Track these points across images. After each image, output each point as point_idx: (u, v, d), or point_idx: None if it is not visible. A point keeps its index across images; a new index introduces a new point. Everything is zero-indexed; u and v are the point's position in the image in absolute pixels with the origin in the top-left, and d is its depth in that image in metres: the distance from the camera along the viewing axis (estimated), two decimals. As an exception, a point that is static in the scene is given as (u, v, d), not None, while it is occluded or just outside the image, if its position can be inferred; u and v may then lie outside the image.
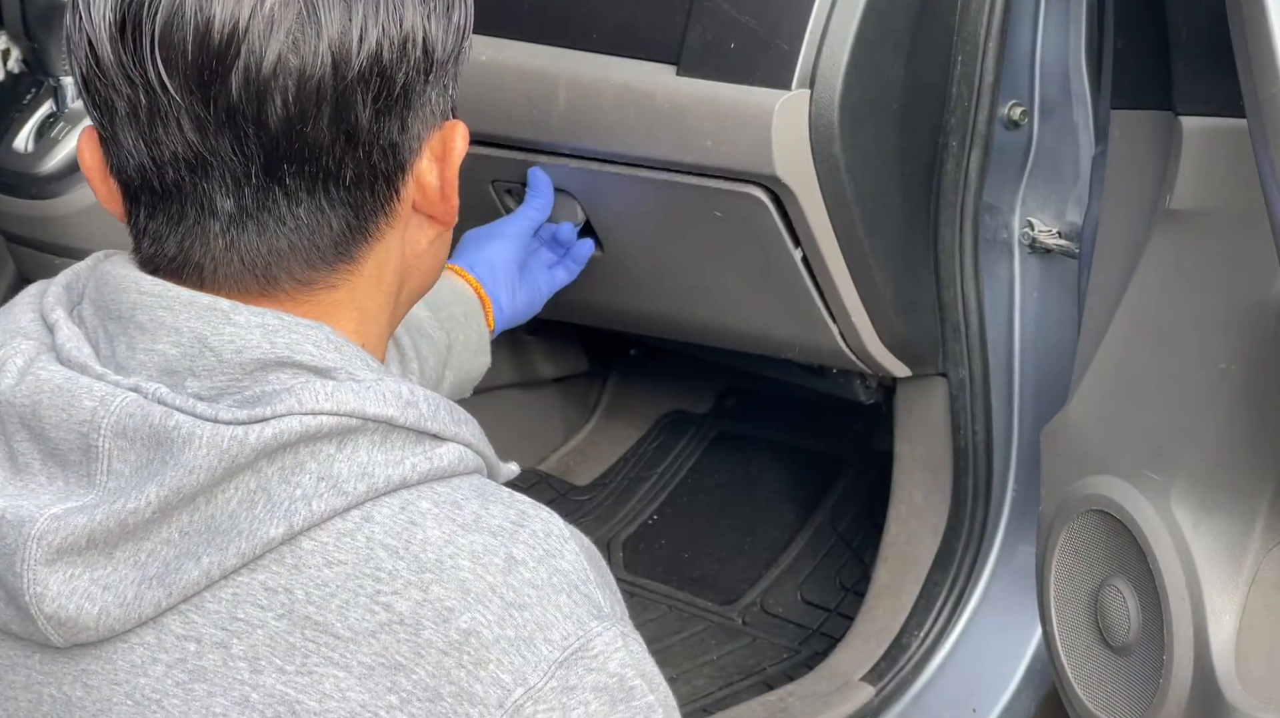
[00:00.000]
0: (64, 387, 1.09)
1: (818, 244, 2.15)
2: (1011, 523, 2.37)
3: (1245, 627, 1.80)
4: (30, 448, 1.10)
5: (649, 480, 2.98)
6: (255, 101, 1.07)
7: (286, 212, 1.11)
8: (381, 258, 1.15)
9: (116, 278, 1.13)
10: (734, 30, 2.09)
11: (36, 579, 1.06)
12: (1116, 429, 1.92)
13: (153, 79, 1.07)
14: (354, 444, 1.07)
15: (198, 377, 1.09)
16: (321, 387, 1.07)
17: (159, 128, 1.09)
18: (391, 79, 1.10)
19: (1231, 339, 1.77)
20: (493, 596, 1.06)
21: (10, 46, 2.58)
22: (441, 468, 1.10)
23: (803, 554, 2.78)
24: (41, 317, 1.15)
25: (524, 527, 1.09)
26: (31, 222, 2.49)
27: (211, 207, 1.10)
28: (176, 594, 1.06)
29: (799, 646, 2.62)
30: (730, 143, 2.10)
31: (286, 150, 1.09)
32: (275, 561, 1.06)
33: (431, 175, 1.16)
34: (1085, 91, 2.23)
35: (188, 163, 1.09)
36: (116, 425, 1.07)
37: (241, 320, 1.09)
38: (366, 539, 1.06)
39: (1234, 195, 1.74)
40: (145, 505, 1.05)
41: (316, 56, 1.07)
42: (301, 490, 1.06)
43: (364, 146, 1.11)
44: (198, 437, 1.05)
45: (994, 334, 2.33)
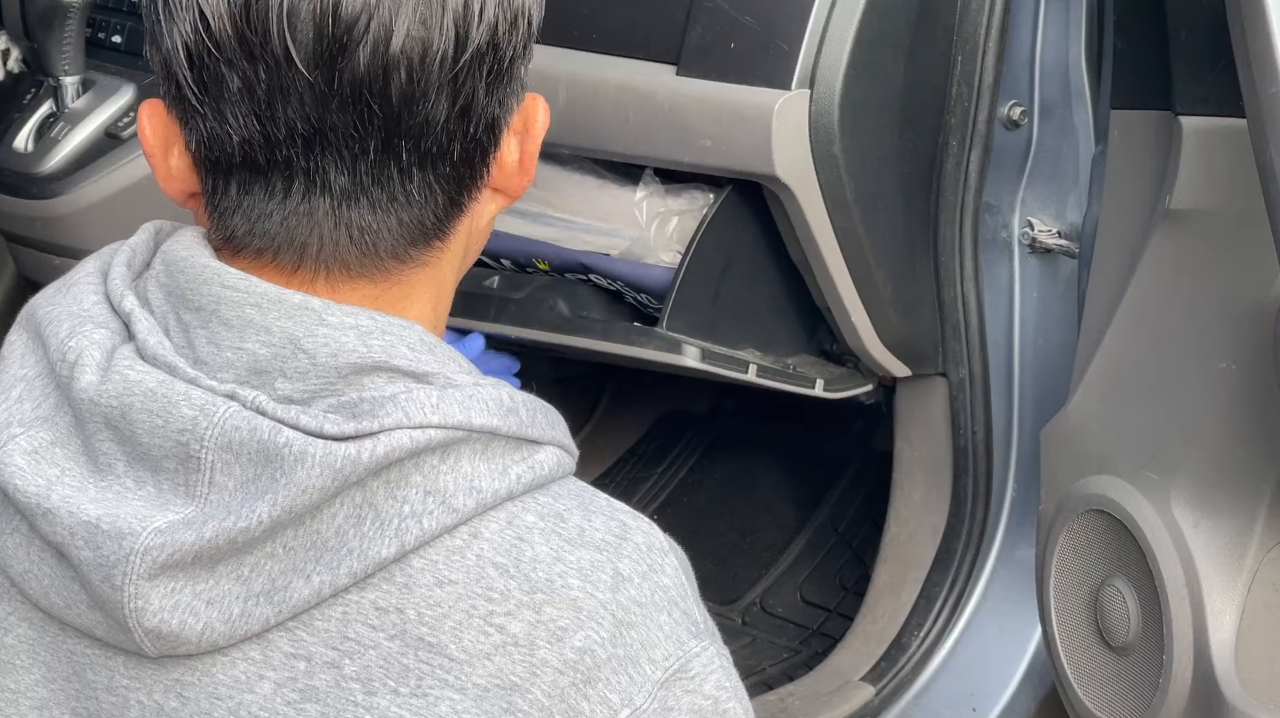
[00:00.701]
0: (157, 391, 1.06)
1: (818, 244, 2.15)
2: (1011, 523, 2.37)
3: (1245, 627, 1.80)
4: (115, 449, 1.07)
5: (649, 480, 2.98)
6: (381, 76, 1.05)
7: (399, 188, 1.09)
8: (461, 233, 1.14)
9: (195, 266, 1.09)
10: (734, 30, 2.09)
11: (138, 593, 1.04)
12: (1116, 429, 1.92)
13: (278, 53, 1.05)
14: (456, 455, 1.05)
15: (289, 378, 1.06)
16: (426, 397, 1.05)
17: (277, 103, 1.06)
18: (503, 54, 1.09)
19: (1231, 339, 1.77)
20: (604, 613, 1.06)
21: (10, 46, 2.58)
22: (543, 475, 1.09)
23: (803, 554, 2.78)
24: (108, 300, 1.12)
25: (627, 539, 1.09)
26: (31, 222, 2.49)
27: (324, 182, 1.08)
28: (285, 612, 1.04)
29: (799, 646, 2.62)
30: (730, 143, 2.10)
31: (406, 125, 1.07)
32: (385, 579, 1.05)
33: (512, 150, 1.14)
34: (1085, 91, 2.23)
35: (304, 138, 1.07)
36: (221, 438, 1.04)
37: (335, 322, 1.06)
38: (476, 558, 1.05)
39: (1234, 195, 1.74)
40: (257, 524, 1.03)
41: (443, 32, 1.06)
42: (410, 507, 1.04)
43: (474, 122, 1.10)
44: (310, 455, 1.02)
45: (994, 334, 2.33)
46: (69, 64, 2.46)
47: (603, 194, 2.31)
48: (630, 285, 2.28)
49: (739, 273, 2.26)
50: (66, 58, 2.45)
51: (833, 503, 2.83)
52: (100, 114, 2.47)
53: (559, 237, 2.32)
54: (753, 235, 2.24)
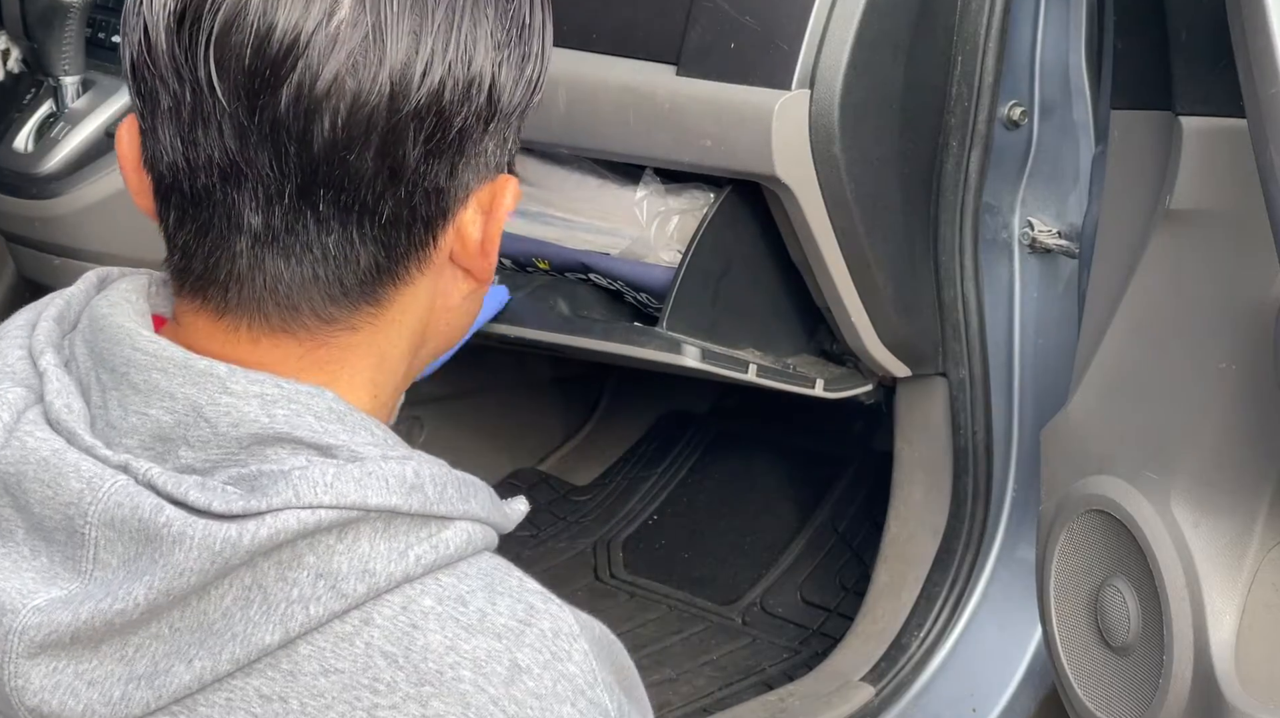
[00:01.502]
0: (50, 460, 1.03)
1: (818, 244, 2.15)
2: (1011, 523, 2.37)
3: (1245, 627, 1.80)
4: (14, 515, 1.05)
5: (649, 480, 2.98)
6: (302, 118, 1.02)
7: (315, 238, 1.05)
8: (408, 304, 1.09)
9: (112, 326, 1.07)
10: (734, 30, 2.09)
11: (18, 672, 1.01)
12: (1116, 429, 1.92)
13: (201, 78, 1.02)
14: (355, 534, 1.01)
15: (192, 447, 1.03)
16: (320, 475, 1.00)
17: (199, 129, 1.04)
18: (448, 121, 1.04)
19: (1231, 339, 1.77)
20: (494, 709, 1.00)
21: (10, 46, 2.58)
22: (447, 555, 1.03)
23: (803, 554, 2.78)
24: (30, 355, 1.10)
25: (531, 625, 1.03)
26: (31, 222, 2.49)
27: (239, 220, 1.05)
28: (166, 697, 1.01)
29: (799, 646, 2.62)
30: (730, 143, 2.10)
31: (325, 175, 1.03)
32: (271, 665, 1.01)
33: (474, 228, 1.09)
34: (1085, 91, 2.23)
35: (221, 170, 1.04)
36: (104, 514, 1.01)
37: (238, 389, 1.03)
38: (365, 645, 1.00)
39: (1234, 195, 1.74)
40: (133, 607, 1.00)
41: (375, 83, 1.02)
42: (299, 591, 1.00)
43: (407, 186, 1.04)
44: (188, 537, 0.99)
45: (994, 334, 2.33)
46: (69, 64, 2.46)
47: (603, 194, 2.31)
48: (630, 285, 2.28)
49: (739, 273, 2.26)
50: (66, 58, 2.45)
51: (833, 503, 2.83)
52: (100, 114, 2.47)
53: (559, 236, 2.33)
54: (753, 235, 2.24)
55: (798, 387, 2.31)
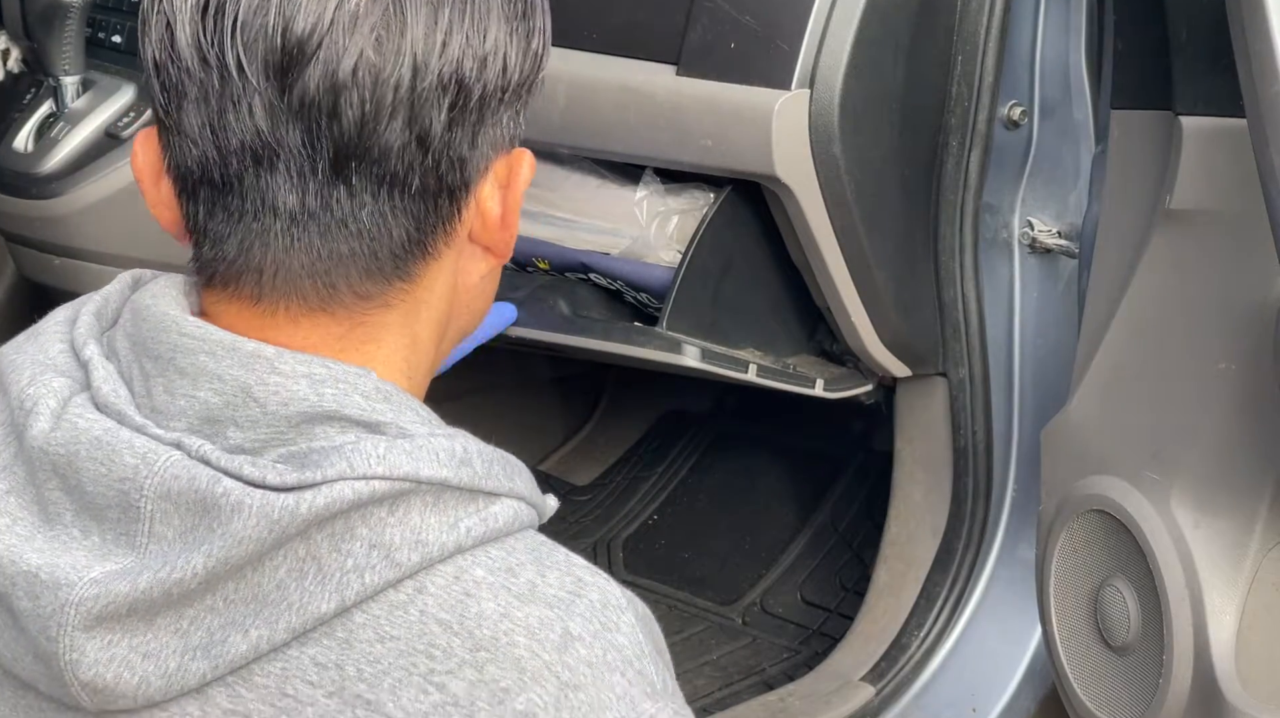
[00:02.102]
0: (103, 439, 1.05)
1: (818, 244, 2.15)
2: (1011, 523, 2.37)
3: (1245, 627, 1.80)
4: (63, 498, 1.06)
5: (649, 480, 2.98)
6: (331, 95, 1.05)
7: (349, 214, 1.08)
8: (435, 280, 1.12)
9: (156, 314, 1.09)
10: (734, 30, 2.09)
11: (73, 646, 1.03)
12: (1116, 429, 1.92)
13: (230, 61, 1.05)
14: (406, 507, 1.03)
15: (241, 428, 1.05)
16: (373, 448, 1.03)
17: (229, 112, 1.06)
18: (469, 90, 1.08)
19: (1231, 339, 1.77)
20: (548, 674, 1.02)
21: (10, 46, 2.58)
22: (496, 529, 1.06)
23: (803, 554, 2.78)
24: (72, 348, 1.11)
25: (581, 597, 1.05)
26: (31, 222, 2.49)
27: (274, 202, 1.07)
28: (223, 667, 1.02)
29: (799, 646, 2.62)
30: (730, 143, 2.10)
31: (356, 148, 1.06)
32: (326, 634, 1.03)
33: (493, 202, 1.13)
34: (1085, 91, 2.23)
35: (253, 152, 1.06)
36: (160, 487, 1.03)
37: (287, 369, 1.05)
38: (420, 613, 1.03)
39: (1234, 195, 1.74)
40: (191, 576, 1.01)
41: (398, 57, 1.06)
42: (354, 561, 1.02)
43: (433, 155, 1.08)
44: (247, 506, 1.01)
45: (994, 334, 2.33)
46: (69, 64, 2.46)
47: (603, 193, 2.31)
48: (630, 285, 2.28)
49: (739, 273, 2.26)
50: (66, 58, 2.45)
51: (833, 503, 2.83)
52: (100, 114, 2.47)
53: (559, 236, 2.33)
54: (753, 235, 2.24)
55: (798, 387, 2.31)
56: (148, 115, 2.42)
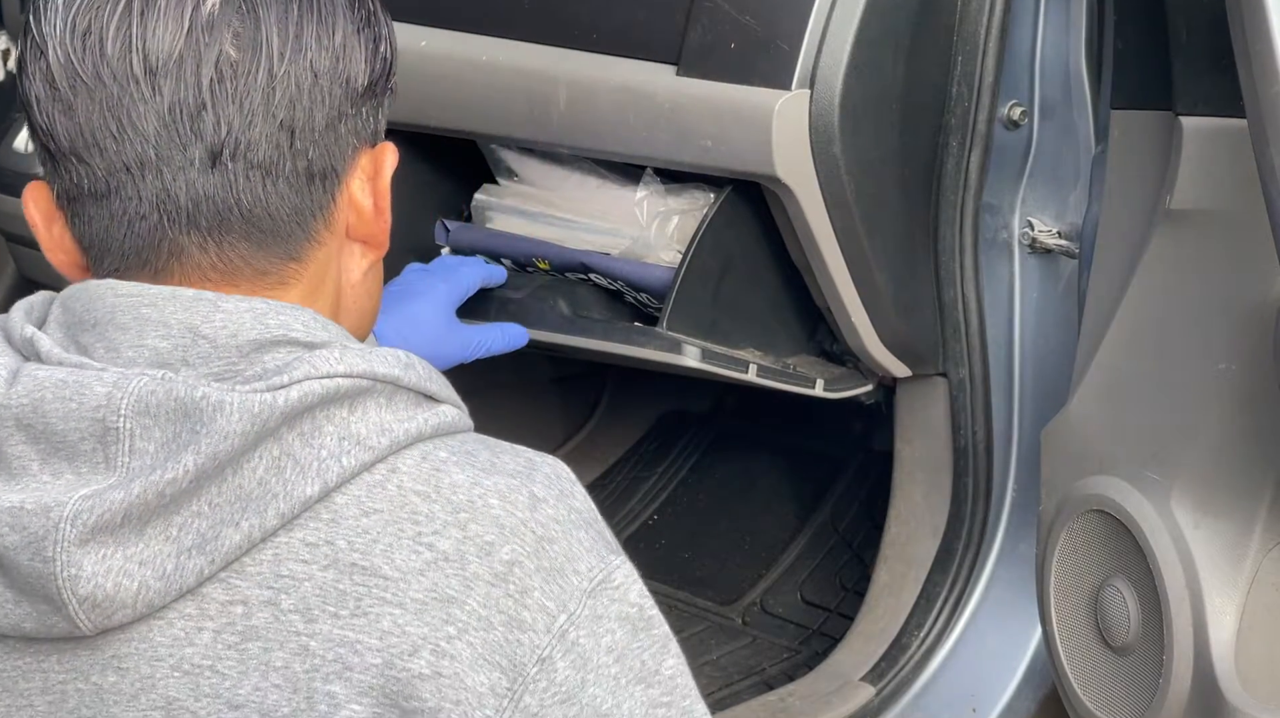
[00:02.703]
0: (68, 380, 1.10)
1: (818, 244, 2.15)
2: (1012, 523, 2.37)
3: (1245, 627, 1.80)
4: (28, 450, 1.11)
5: (649, 480, 2.98)
6: (197, 93, 1.14)
7: (232, 200, 1.16)
8: (325, 268, 1.21)
9: (88, 290, 1.15)
10: (734, 30, 2.09)
11: (70, 562, 1.07)
12: (1116, 429, 1.92)
13: (103, 74, 1.14)
14: (364, 406, 1.12)
15: (191, 365, 1.12)
16: (329, 353, 1.11)
17: (109, 121, 1.15)
18: (323, 82, 1.17)
19: (1231, 339, 1.77)
20: (525, 529, 1.12)
21: (10, 47, 2.58)
22: (446, 423, 1.15)
23: (803, 554, 2.78)
24: (5, 338, 1.17)
25: (536, 469, 1.16)
26: (31, 221, 2.49)
27: (159, 200, 1.15)
28: (219, 561, 1.09)
29: (799, 646, 2.62)
30: (730, 143, 2.10)
31: (228, 140, 1.15)
32: (311, 518, 1.10)
33: (364, 195, 1.22)
34: (1085, 92, 2.23)
35: (135, 154, 1.15)
36: (138, 404, 1.09)
37: (229, 307, 1.13)
38: (398, 488, 1.12)
39: (1234, 195, 1.74)
40: (183, 474, 1.07)
41: (256, 53, 1.15)
42: (327, 451, 1.10)
43: (300, 141, 1.17)
44: (228, 403, 1.08)
45: (994, 334, 2.33)
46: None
47: (603, 194, 2.31)
48: (630, 285, 2.28)
49: (739, 273, 2.26)
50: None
51: (833, 503, 2.83)
52: (100, 114, 2.47)
53: (559, 236, 2.33)
54: (753, 235, 2.24)
55: (798, 387, 2.31)
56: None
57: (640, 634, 1.15)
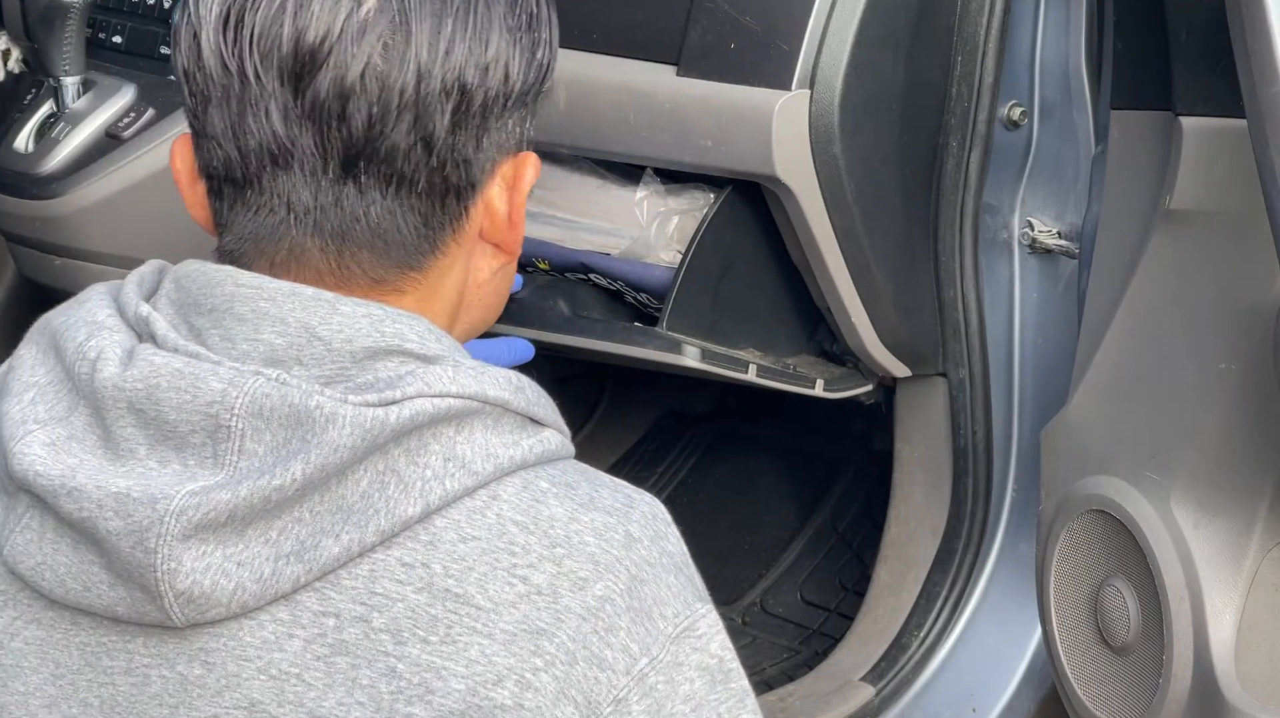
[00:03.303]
0: (184, 370, 1.10)
1: (818, 244, 2.15)
2: (1011, 523, 2.37)
3: (1245, 627, 1.80)
4: (136, 434, 1.11)
5: (649, 481, 2.98)
6: (341, 100, 1.13)
7: (361, 209, 1.15)
8: (445, 274, 1.19)
9: (206, 273, 1.15)
10: (734, 30, 2.09)
11: (170, 555, 1.08)
12: (1116, 429, 1.92)
13: (248, 69, 1.13)
14: (470, 427, 1.11)
15: (305, 365, 1.12)
16: (442, 371, 1.11)
17: (248, 117, 1.14)
18: (471, 96, 1.15)
19: (1231, 339, 1.77)
20: (619, 567, 1.12)
21: (10, 46, 2.58)
22: (549, 451, 1.15)
23: (803, 554, 2.78)
24: (120, 313, 1.17)
25: (634, 508, 1.16)
26: (31, 222, 2.49)
27: (289, 198, 1.15)
28: (316, 570, 1.09)
29: (799, 646, 2.62)
30: (730, 143, 2.10)
31: (366, 149, 1.14)
32: (410, 537, 1.10)
33: (501, 202, 1.20)
34: (1085, 92, 2.23)
35: (270, 153, 1.14)
36: (251, 405, 1.09)
37: (347, 310, 1.12)
38: (497, 516, 1.11)
39: (1234, 195, 1.74)
40: (290, 482, 1.08)
41: (404, 64, 1.13)
42: (432, 471, 1.10)
43: (439, 156, 1.15)
44: (341, 416, 1.08)
45: (994, 334, 2.33)
46: (69, 64, 2.46)
47: (603, 194, 2.31)
48: (630, 285, 2.28)
49: (739, 273, 2.26)
50: (67, 58, 2.45)
51: (833, 503, 2.83)
52: (100, 114, 2.47)
53: (560, 236, 2.33)
54: (753, 235, 2.24)
55: (798, 387, 2.31)
56: (149, 116, 2.42)
57: (718, 687, 1.13)
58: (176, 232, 2.46)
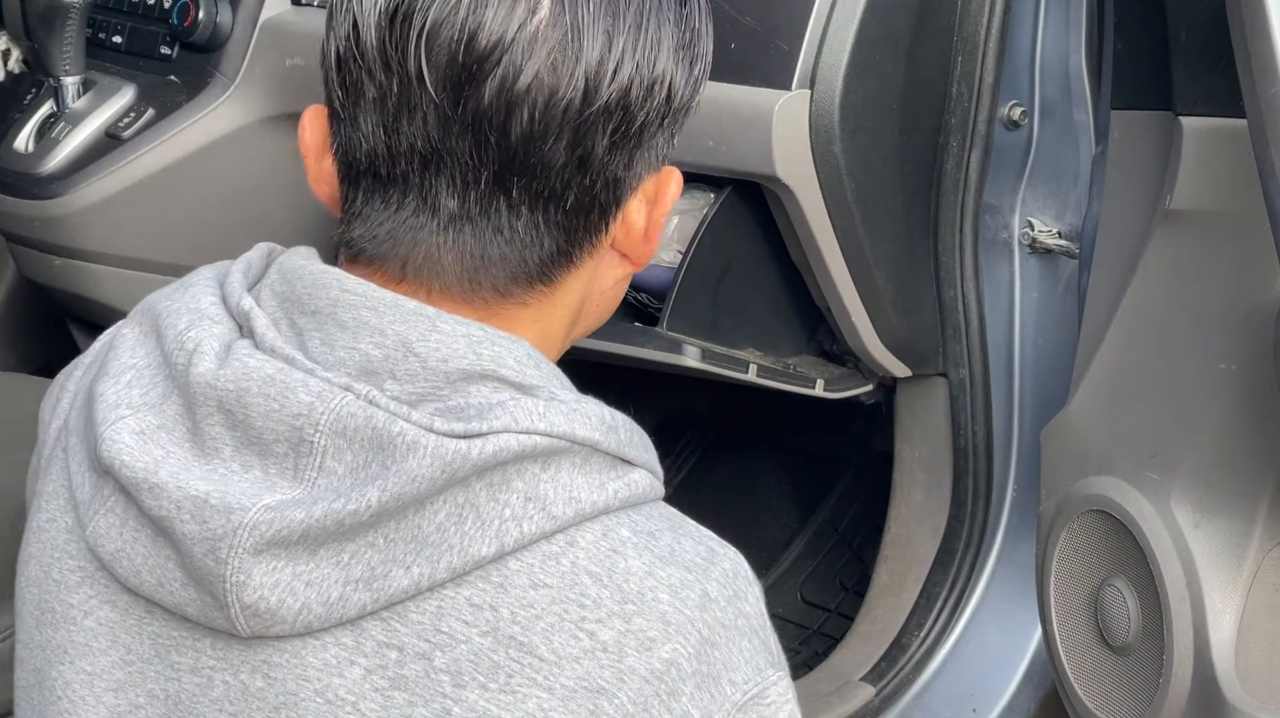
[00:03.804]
0: (275, 377, 1.09)
1: (818, 244, 2.15)
2: (1012, 523, 2.37)
3: (1245, 627, 1.80)
4: (224, 433, 1.10)
5: (649, 481, 2.97)
6: (504, 111, 1.10)
7: (505, 222, 1.13)
8: (573, 285, 1.18)
9: (314, 272, 1.13)
10: (734, 30, 2.09)
11: (241, 568, 1.06)
12: (1116, 429, 1.92)
13: (411, 70, 1.10)
14: (557, 466, 1.08)
15: (398, 380, 1.09)
16: (533, 406, 1.08)
17: (403, 118, 1.11)
18: (633, 116, 1.13)
19: (1231, 339, 1.77)
20: (691, 629, 1.09)
21: (10, 46, 2.58)
22: (636, 495, 1.12)
23: (803, 554, 2.78)
24: (224, 301, 1.15)
25: (715, 564, 1.13)
26: (31, 222, 2.49)
27: (435, 203, 1.12)
28: (383, 600, 1.07)
29: (799, 646, 2.62)
30: (730, 143, 2.10)
31: (521, 163, 1.11)
32: (481, 577, 1.07)
33: (639, 216, 1.18)
34: (1085, 92, 2.23)
35: (422, 156, 1.11)
36: (336, 424, 1.07)
37: (447, 329, 1.10)
38: (571, 564, 1.08)
39: (1234, 195, 1.74)
40: (365, 508, 1.05)
41: (571, 80, 1.10)
42: (511, 510, 1.07)
43: (591, 175, 1.13)
44: (422, 446, 1.05)
45: (994, 334, 2.33)
46: (69, 64, 2.46)
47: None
48: (631, 285, 2.28)
49: (739, 273, 2.26)
50: (67, 58, 2.45)
51: (833, 503, 2.83)
52: (100, 114, 2.47)
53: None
54: (753, 236, 2.24)
55: (798, 387, 2.31)
56: (149, 116, 2.42)
57: None
58: (176, 232, 2.46)
